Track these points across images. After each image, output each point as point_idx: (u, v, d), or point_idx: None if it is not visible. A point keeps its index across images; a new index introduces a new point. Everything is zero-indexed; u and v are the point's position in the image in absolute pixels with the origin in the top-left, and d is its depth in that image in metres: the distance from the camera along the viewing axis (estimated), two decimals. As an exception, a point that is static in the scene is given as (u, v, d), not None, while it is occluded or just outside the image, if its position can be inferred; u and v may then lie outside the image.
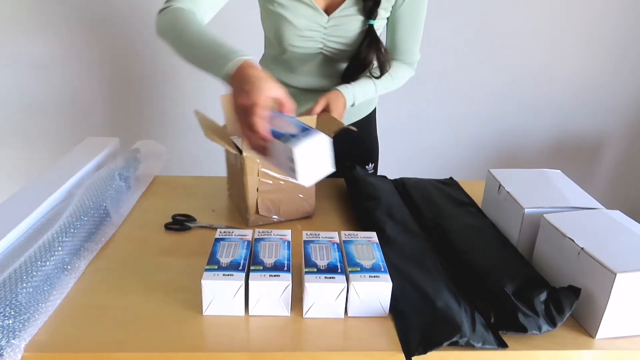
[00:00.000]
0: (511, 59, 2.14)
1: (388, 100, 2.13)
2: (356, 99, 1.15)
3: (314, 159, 0.71)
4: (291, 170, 0.71)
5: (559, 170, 1.05)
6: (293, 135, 0.70)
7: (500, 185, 0.98)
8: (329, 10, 1.10)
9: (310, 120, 0.97)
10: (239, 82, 0.75)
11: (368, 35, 1.12)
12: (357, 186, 1.10)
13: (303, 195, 1.02)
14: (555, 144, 2.34)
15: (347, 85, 1.15)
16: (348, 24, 1.11)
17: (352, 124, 1.29)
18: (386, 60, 1.15)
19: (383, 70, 1.16)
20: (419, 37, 1.21)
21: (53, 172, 1.07)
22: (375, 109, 1.39)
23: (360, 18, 1.11)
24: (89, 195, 0.95)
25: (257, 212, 0.99)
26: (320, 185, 1.14)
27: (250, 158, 0.94)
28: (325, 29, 1.11)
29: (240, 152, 0.93)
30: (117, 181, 1.05)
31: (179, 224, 0.99)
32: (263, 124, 0.71)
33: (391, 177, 1.22)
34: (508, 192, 0.94)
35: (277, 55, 1.21)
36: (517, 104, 2.23)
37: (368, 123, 1.37)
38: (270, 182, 0.98)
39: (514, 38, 2.10)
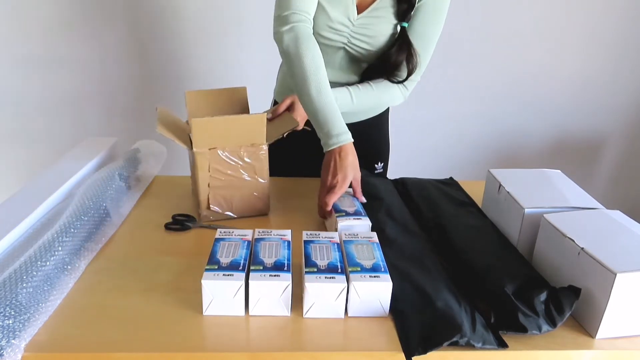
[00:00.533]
0: (511, 59, 2.14)
1: (388, 100, 2.13)
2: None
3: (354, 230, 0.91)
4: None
5: (559, 170, 1.05)
6: (346, 213, 0.94)
7: (500, 185, 0.98)
8: (359, 8, 1.10)
9: (260, 119, 0.96)
10: (335, 160, 0.98)
11: (400, 37, 1.11)
12: (357, 186, 1.10)
13: (257, 193, 1.02)
14: (555, 144, 2.34)
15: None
16: (377, 25, 1.10)
17: (362, 122, 1.28)
18: (416, 64, 1.12)
19: (410, 72, 1.13)
20: (427, 56, 1.15)
21: (53, 172, 1.07)
22: (388, 108, 1.36)
23: (391, 20, 1.10)
24: (89, 195, 0.95)
25: (209, 207, 1.00)
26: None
27: (201, 153, 0.95)
28: (354, 26, 1.11)
29: (192, 147, 0.95)
30: (117, 181, 1.05)
31: (179, 223, 0.99)
32: (332, 202, 0.96)
33: (391, 177, 1.22)
34: (508, 192, 0.94)
35: None
36: (517, 104, 2.23)
37: (379, 122, 1.34)
38: (222, 178, 0.98)
39: (514, 38, 2.10)
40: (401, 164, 2.30)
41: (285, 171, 1.26)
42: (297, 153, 1.29)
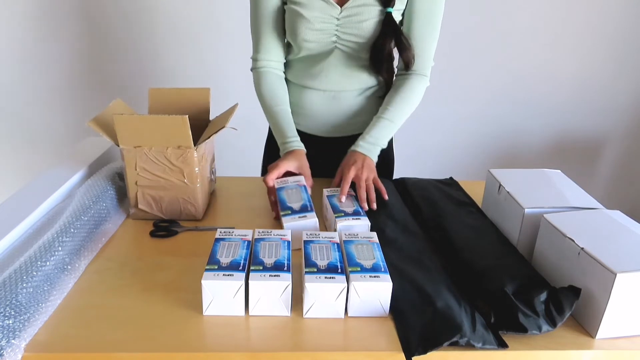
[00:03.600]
0: (511, 58, 2.14)
1: (388, 100, 2.12)
2: (378, 145, 1.12)
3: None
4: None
5: (559, 170, 1.05)
6: (345, 213, 0.95)
7: (500, 185, 0.98)
8: (342, 3, 1.10)
9: (181, 121, 0.92)
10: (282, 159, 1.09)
11: (385, 23, 1.09)
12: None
13: (187, 197, 0.99)
14: (555, 144, 2.34)
15: (364, 137, 1.12)
16: (362, 15, 1.09)
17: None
18: (408, 49, 1.11)
19: (408, 62, 1.12)
20: (435, 35, 1.15)
21: (53, 172, 1.07)
22: None
23: (376, 7, 1.09)
24: (89, 195, 0.95)
25: (137, 205, 0.99)
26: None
27: (128, 150, 0.95)
28: (339, 20, 1.09)
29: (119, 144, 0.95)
30: (117, 181, 1.05)
31: (164, 230, 0.98)
32: (270, 181, 1.03)
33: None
34: (508, 192, 0.94)
35: (295, 58, 1.21)
36: (517, 104, 2.23)
37: None
38: (150, 178, 0.97)
39: (514, 38, 2.11)
40: (401, 164, 2.30)
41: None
42: (329, 157, 1.28)
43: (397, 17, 1.12)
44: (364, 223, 0.92)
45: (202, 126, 1.08)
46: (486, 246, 0.90)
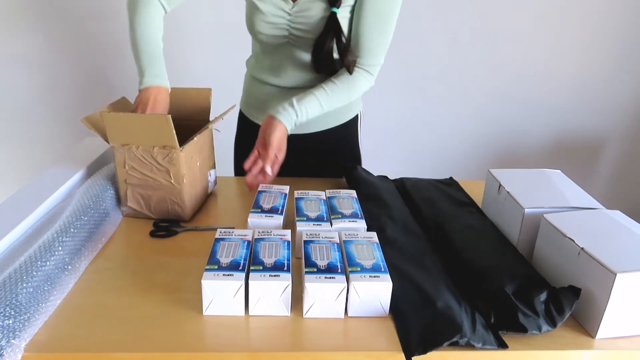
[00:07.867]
0: (511, 58, 2.14)
1: (388, 100, 2.13)
2: (299, 119, 1.09)
3: None
4: None
5: (559, 170, 1.05)
6: (342, 215, 0.94)
7: (500, 185, 0.98)
8: None
9: (163, 120, 0.91)
10: (141, 97, 1.08)
11: (328, 23, 1.09)
12: (358, 186, 1.10)
13: (174, 198, 0.99)
14: (555, 144, 2.34)
15: (286, 106, 1.08)
16: (311, 11, 1.09)
17: (330, 130, 1.27)
18: (347, 51, 1.09)
19: (347, 64, 1.10)
20: (386, 36, 1.11)
21: (53, 172, 1.07)
22: (357, 116, 1.32)
23: (323, 5, 1.08)
24: (89, 195, 0.95)
25: (127, 203, 1.00)
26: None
27: (117, 148, 0.96)
28: (290, 15, 1.10)
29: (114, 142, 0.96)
30: (117, 181, 1.05)
31: (164, 230, 0.98)
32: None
33: (391, 177, 1.22)
34: (508, 192, 0.94)
35: (256, 52, 1.25)
36: (517, 104, 2.23)
37: (348, 130, 1.31)
38: (138, 176, 0.97)
39: (514, 38, 2.11)
40: (401, 164, 2.30)
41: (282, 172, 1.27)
42: (295, 155, 1.29)
43: (346, 13, 1.11)
44: (360, 226, 0.92)
45: (202, 126, 1.09)
46: (486, 246, 0.90)
